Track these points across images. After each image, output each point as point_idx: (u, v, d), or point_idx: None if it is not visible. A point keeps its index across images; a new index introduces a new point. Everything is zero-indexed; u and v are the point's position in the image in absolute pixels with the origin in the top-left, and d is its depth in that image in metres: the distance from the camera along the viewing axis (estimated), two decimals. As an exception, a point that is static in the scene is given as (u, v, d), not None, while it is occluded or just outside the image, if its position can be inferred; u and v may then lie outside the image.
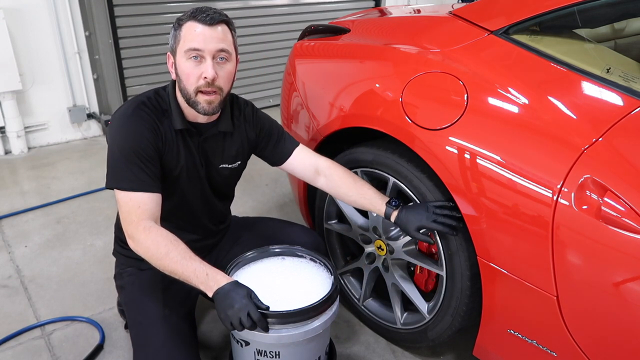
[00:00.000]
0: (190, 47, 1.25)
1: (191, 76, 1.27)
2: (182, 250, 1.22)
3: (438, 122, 1.32)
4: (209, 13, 1.25)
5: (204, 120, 1.39)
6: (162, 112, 1.36)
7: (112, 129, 1.32)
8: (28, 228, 2.47)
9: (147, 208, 1.26)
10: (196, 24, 1.25)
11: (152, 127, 1.31)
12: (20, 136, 3.38)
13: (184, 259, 1.20)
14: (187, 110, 1.36)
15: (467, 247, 1.34)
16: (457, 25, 1.51)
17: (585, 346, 1.12)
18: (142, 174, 1.27)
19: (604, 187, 1.04)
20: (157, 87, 1.41)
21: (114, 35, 3.50)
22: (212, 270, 1.21)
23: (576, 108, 1.18)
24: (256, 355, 1.28)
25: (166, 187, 1.36)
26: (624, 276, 1.02)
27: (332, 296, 1.29)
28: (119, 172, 1.28)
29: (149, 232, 1.23)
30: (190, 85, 1.28)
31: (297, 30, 2.19)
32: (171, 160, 1.37)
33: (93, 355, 1.65)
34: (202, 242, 1.56)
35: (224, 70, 1.29)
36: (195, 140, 1.40)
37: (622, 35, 1.67)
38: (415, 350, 1.71)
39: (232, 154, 1.49)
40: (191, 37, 1.25)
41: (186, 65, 1.27)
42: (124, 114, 1.31)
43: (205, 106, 1.30)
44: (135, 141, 1.28)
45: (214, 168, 1.47)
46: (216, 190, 1.53)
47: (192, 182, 1.44)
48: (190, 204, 1.48)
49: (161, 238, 1.22)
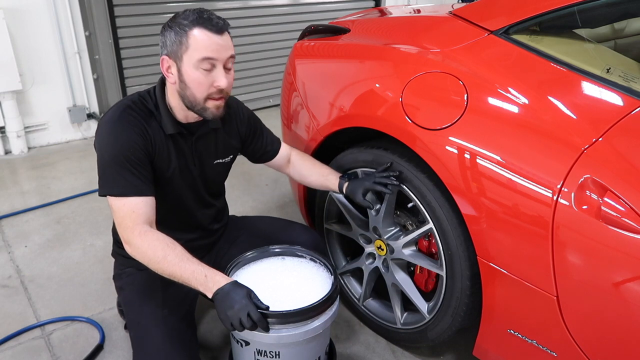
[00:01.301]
0: (205, 57, 1.22)
1: (203, 85, 1.26)
2: (179, 252, 1.21)
3: (438, 122, 1.32)
4: (213, 19, 1.24)
5: (194, 120, 1.39)
6: (149, 115, 1.34)
7: (100, 136, 1.30)
8: (28, 228, 2.47)
9: (142, 212, 1.26)
10: (207, 32, 1.22)
11: (140, 131, 1.30)
12: (20, 136, 3.38)
13: (182, 261, 1.20)
14: (179, 113, 1.35)
15: (467, 247, 1.34)
16: (457, 25, 1.51)
17: (585, 346, 1.12)
18: (134, 178, 1.27)
19: (604, 187, 1.04)
20: (140, 91, 1.39)
21: (114, 35, 3.50)
22: (211, 271, 1.20)
23: (576, 108, 1.18)
24: (256, 355, 1.28)
25: (160, 189, 1.36)
26: (624, 276, 1.02)
27: (332, 296, 1.29)
28: (110, 179, 1.27)
29: (145, 236, 1.23)
30: (200, 93, 1.27)
31: (297, 30, 2.19)
32: (162, 162, 1.36)
33: (93, 355, 1.65)
34: (198, 242, 1.56)
35: (231, 75, 1.30)
36: (188, 141, 1.40)
37: (622, 35, 1.67)
38: (415, 350, 1.71)
39: (224, 149, 1.51)
40: (204, 46, 1.22)
41: (197, 74, 1.25)
42: (111, 120, 1.29)
43: (215, 111, 1.31)
44: (124, 146, 1.26)
45: (208, 165, 1.48)
46: (209, 188, 1.54)
47: (186, 182, 1.44)
48: (185, 203, 1.48)
49: (158, 242, 1.22)
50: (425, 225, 1.44)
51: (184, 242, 1.27)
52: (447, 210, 1.36)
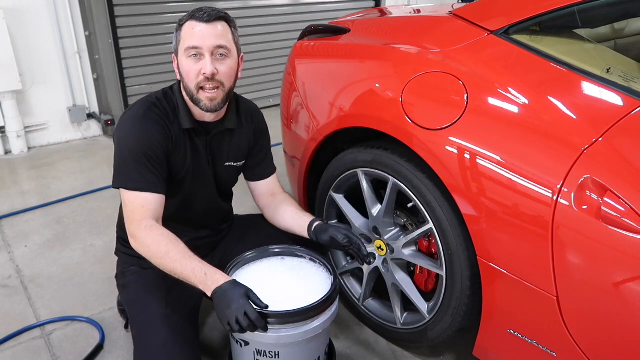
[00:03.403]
0: (190, 45, 1.27)
1: (191, 73, 1.29)
2: (181, 249, 1.24)
3: (438, 122, 1.32)
4: (206, 11, 1.28)
5: (211, 119, 1.41)
6: (171, 112, 1.38)
7: (122, 130, 1.33)
8: (28, 228, 2.47)
9: (151, 208, 1.29)
10: (195, 22, 1.27)
11: (162, 129, 1.33)
12: (20, 136, 3.38)
13: (184, 258, 1.22)
14: (195, 109, 1.38)
15: (467, 247, 1.34)
16: (457, 25, 1.51)
17: (585, 346, 1.12)
18: (149, 174, 1.30)
19: (604, 187, 1.04)
20: (165, 88, 1.43)
21: (114, 35, 3.50)
22: (211, 269, 1.22)
23: (576, 108, 1.18)
24: (256, 355, 1.28)
25: (173, 187, 1.39)
26: (624, 276, 1.02)
27: (332, 296, 1.29)
28: (127, 172, 1.31)
29: (150, 231, 1.26)
30: (191, 82, 1.30)
31: (297, 30, 2.19)
32: (179, 160, 1.39)
33: (93, 355, 1.65)
34: (204, 240, 1.57)
35: (224, 65, 1.31)
36: (203, 139, 1.42)
37: (622, 35, 1.67)
38: (415, 350, 1.71)
39: (237, 152, 1.52)
40: (190, 35, 1.27)
41: (186, 63, 1.29)
42: (136, 116, 1.33)
43: (207, 103, 1.32)
44: (146, 143, 1.30)
45: (221, 166, 1.50)
46: (220, 189, 1.55)
47: (199, 181, 1.46)
48: (196, 202, 1.49)
49: (162, 237, 1.25)
50: (425, 225, 1.44)
51: (190, 239, 1.30)
52: (447, 210, 1.36)
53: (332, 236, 1.40)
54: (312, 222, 1.46)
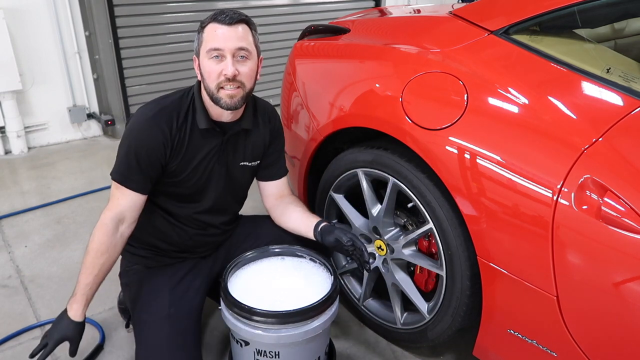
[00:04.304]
0: (212, 47, 1.30)
1: (212, 74, 1.31)
2: (97, 263, 1.33)
3: (438, 122, 1.32)
4: (228, 14, 1.31)
5: (228, 119, 1.42)
6: (184, 116, 1.39)
7: (131, 123, 1.38)
8: (28, 228, 2.47)
9: (123, 204, 1.35)
10: (217, 25, 1.30)
11: (164, 136, 1.35)
12: (20, 136, 3.38)
13: (88, 269, 1.33)
14: (212, 109, 1.40)
15: (467, 247, 1.34)
16: (457, 25, 1.51)
17: (585, 346, 1.12)
18: (135, 173, 1.34)
19: (604, 187, 1.04)
20: (185, 88, 1.45)
21: (114, 35, 3.50)
22: (81, 295, 1.33)
23: (576, 108, 1.18)
24: (256, 355, 1.28)
25: (183, 183, 1.41)
26: (624, 276, 1.02)
27: (332, 296, 1.29)
28: (118, 163, 1.36)
29: (102, 227, 1.34)
30: (212, 82, 1.32)
31: (297, 30, 2.19)
32: (190, 160, 1.40)
33: (93, 355, 1.65)
34: (209, 238, 1.57)
35: (245, 66, 1.33)
36: (219, 139, 1.43)
37: (622, 35, 1.67)
38: (415, 350, 1.71)
39: (252, 152, 1.52)
40: (212, 37, 1.30)
41: (208, 64, 1.32)
42: (145, 114, 1.36)
43: (228, 100, 1.34)
44: (142, 145, 1.33)
45: (235, 166, 1.50)
46: (233, 191, 1.55)
47: (210, 180, 1.47)
48: (204, 200, 1.49)
49: (104, 238, 1.33)
50: (425, 225, 1.44)
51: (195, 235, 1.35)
52: (447, 210, 1.36)
53: (337, 238, 1.41)
54: (319, 223, 1.47)
